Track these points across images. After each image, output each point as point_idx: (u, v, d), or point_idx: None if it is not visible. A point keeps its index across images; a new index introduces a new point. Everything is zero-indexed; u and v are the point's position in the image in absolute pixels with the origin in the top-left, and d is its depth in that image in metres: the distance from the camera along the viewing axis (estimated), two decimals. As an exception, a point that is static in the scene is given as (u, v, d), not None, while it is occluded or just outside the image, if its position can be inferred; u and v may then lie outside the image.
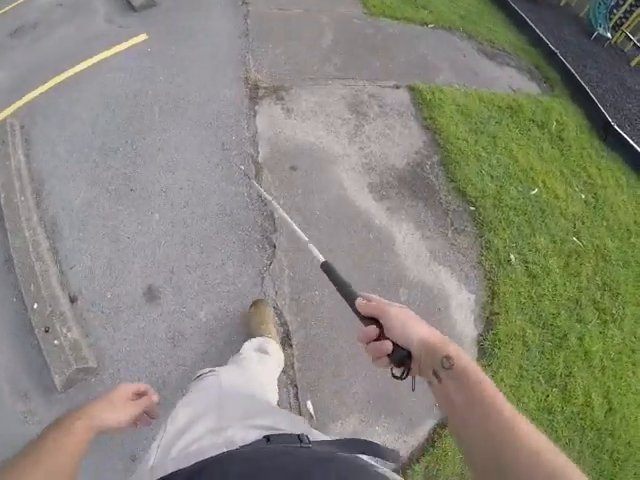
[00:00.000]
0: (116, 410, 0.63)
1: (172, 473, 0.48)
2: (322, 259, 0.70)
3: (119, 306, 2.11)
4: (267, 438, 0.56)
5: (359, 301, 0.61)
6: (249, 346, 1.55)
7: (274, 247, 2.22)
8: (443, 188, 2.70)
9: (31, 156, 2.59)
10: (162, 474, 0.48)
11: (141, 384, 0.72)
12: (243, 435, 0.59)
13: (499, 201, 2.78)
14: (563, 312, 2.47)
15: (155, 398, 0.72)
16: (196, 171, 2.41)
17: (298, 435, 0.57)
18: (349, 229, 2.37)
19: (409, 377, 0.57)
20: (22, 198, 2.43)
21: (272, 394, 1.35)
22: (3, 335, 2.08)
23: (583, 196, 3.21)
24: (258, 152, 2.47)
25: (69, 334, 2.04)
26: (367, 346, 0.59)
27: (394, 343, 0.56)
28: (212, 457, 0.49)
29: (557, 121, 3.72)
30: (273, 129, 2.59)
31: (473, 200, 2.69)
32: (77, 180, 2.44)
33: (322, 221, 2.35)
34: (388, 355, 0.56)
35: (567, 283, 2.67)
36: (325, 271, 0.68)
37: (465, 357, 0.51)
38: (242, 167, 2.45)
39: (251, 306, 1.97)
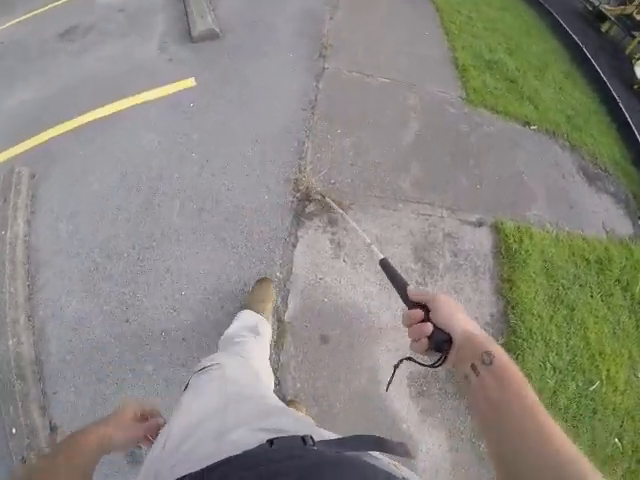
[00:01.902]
0: (125, 431, 0.56)
1: None
2: (381, 256, 0.67)
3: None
4: (270, 442, 0.45)
5: (410, 287, 0.56)
6: (243, 325, 1.35)
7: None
8: (500, 385, 1.92)
9: (33, 225, 1.86)
10: None
11: (147, 406, 0.63)
12: (246, 439, 0.47)
13: (552, 403, 1.93)
14: None
15: (161, 421, 0.62)
16: (204, 320, 1.62)
17: (302, 437, 0.47)
18: (369, 431, 1.68)
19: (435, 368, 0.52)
20: (12, 289, 1.75)
21: (269, 379, 1.19)
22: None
23: (643, 386, 2.42)
24: (286, 306, 1.65)
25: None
26: (410, 329, 0.53)
27: (436, 327, 0.50)
28: (212, 464, 0.40)
29: (643, 281, 2.82)
30: (313, 273, 1.73)
31: (527, 402, 1.94)
32: (73, 280, 1.74)
33: (340, 417, 1.57)
34: (428, 338, 0.50)
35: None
36: (383, 266, 0.65)
37: (506, 357, 0.45)
38: (326, 198, 1.84)
39: (256, 282, 1.63)
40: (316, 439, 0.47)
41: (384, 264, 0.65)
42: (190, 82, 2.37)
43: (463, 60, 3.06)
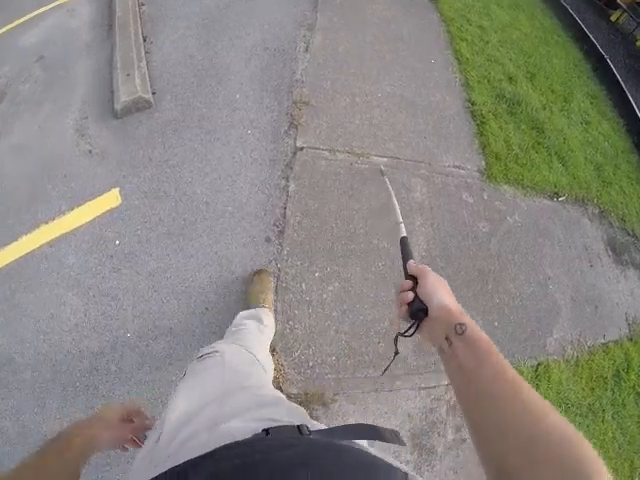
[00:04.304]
0: (111, 430, 0.49)
1: (165, 472, 0.33)
2: (404, 234, 0.59)
3: None
4: (266, 431, 0.39)
5: (411, 262, 0.53)
6: (246, 314, 1.17)
7: None
8: None
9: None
10: (160, 471, 0.33)
11: (135, 406, 0.54)
12: (243, 428, 0.41)
13: None
14: None
15: (147, 423, 0.54)
16: None
17: (298, 426, 0.41)
18: None
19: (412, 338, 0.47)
20: None
21: (268, 366, 1.01)
22: None
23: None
24: None
25: None
26: (397, 296, 0.49)
27: (417, 297, 0.47)
28: (206, 453, 0.34)
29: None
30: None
31: None
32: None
33: None
34: (408, 305, 0.47)
35: None
36: (402, 243, 0.58)
37: (478, 329, 0.41)
38: (382, 167, 1.57)
39: (254, 274, 1.33)
40: (314, 427, 0.42)
41: (403, 242, 0.58)
42: (114, 197, 1.43)
43: (481, 105, 2.07)
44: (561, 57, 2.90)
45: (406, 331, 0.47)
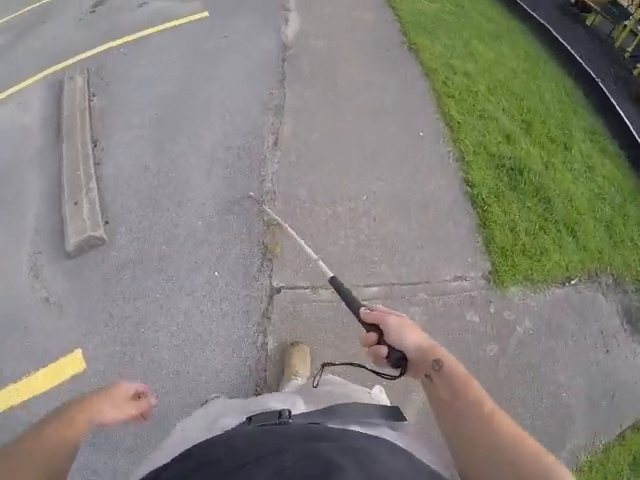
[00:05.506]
0: (116, 408, 0.47)
1: (153, 470, 0.32)
2: (330, 274, 0.56)
3: None
4: (249, 419, 0.40)
5: (362, 310, 0.49)
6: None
7: None
8: None
9: None
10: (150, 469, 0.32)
11: (141, 384, 0.52)
12: (230, 421, 0.42)
13: None
14: None
15: (153, 401, 0.53)
16: None
17: (279, 411, 0.40)
18: None
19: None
20: None
21: None
22: None
23: None
24: None
25: None
26: (368, 350, 0.47)
27: (391, 347, 0.45)
28: (192, 446, 0.33)
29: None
30: None
31: None
32: None
33: None
34: (386, 357, 0.45)
35: None
36: (333, 285, 0.55)
37: (453, 360, 0.41)
38: (251, 193, 1.51)
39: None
40: (298, 412, 0.41)
41: (335, 283, 0.54)
42: (78, 360, 1.22)
43: (480, 186, 1.75)
44: (552, 91, 2.58)
45: (395, 377, 0.45)
